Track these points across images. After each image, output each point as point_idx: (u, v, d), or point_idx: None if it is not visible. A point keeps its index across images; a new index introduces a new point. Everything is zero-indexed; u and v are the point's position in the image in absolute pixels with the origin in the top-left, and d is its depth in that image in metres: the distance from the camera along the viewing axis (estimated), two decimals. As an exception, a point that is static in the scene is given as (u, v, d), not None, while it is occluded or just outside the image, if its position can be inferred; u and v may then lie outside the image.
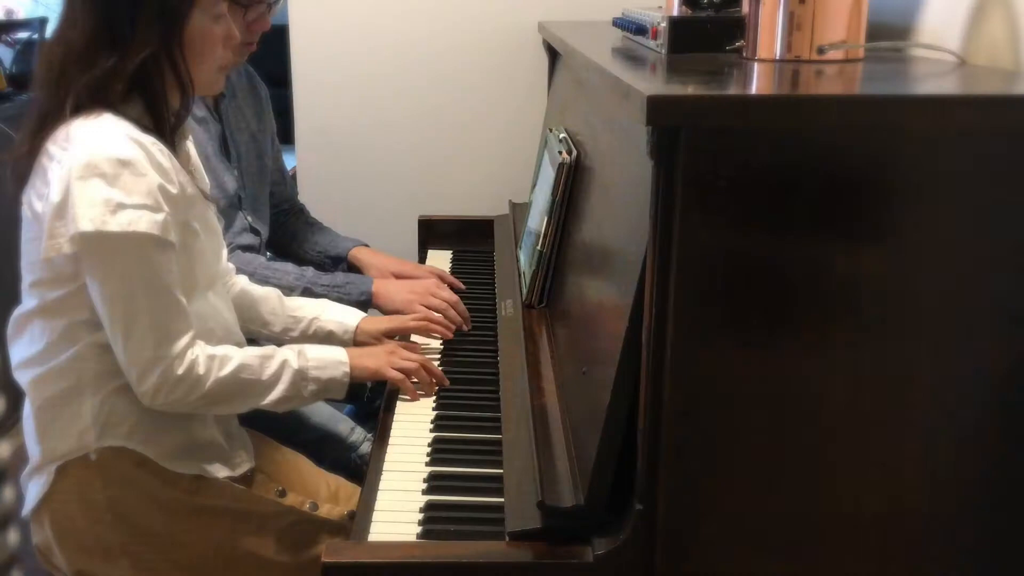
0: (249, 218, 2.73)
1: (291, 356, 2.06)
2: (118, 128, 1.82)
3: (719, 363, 1.43)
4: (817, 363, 1.43)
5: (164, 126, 1.91)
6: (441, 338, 2.44)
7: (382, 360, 2.19)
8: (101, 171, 1.77)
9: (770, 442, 1.46)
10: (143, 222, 1.78)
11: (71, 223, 1.77)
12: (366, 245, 2.99)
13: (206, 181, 2.14)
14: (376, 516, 1.75)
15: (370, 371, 2.16)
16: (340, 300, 2.53)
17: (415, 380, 2.19)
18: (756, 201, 1.37)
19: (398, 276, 2.82)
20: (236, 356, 1.98)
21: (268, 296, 2.37)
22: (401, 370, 2.18)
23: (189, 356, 1.89)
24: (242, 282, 2.37)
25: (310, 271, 2.67)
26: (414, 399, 2.17)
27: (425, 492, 1.82)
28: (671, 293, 1.39)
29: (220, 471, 2.05)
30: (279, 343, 2.21)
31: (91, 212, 1.76)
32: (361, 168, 3.57)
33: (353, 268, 2.90)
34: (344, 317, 2.37)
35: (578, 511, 1.55)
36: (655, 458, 1.46)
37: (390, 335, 2.37)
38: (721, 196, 1.36)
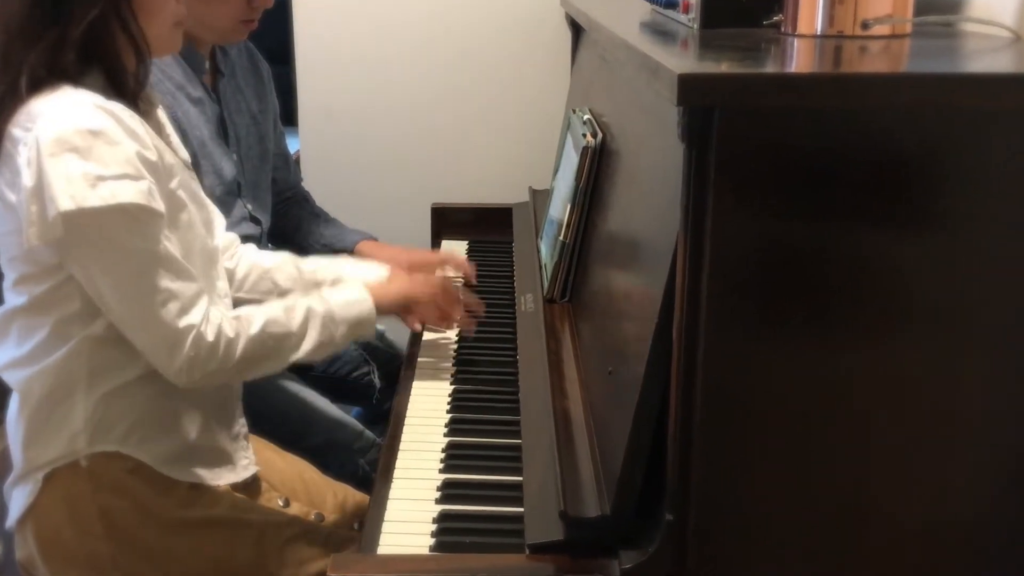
0: (249, 206, 2.73)
1: (313, 302, 2.09)
2: (82, 98, 1.80)
3: (756, 362, 1.43)
4: (861, 361, 1.43)
5: (127, 91, 1.90)
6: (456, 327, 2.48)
7: (404, 285, 2.29)
8: (72, 145, 1.75)
9: (810, 447, 1.46)
10: (126, 192, 1.77)
11: (49, 204, 1.75)
12: (374, 238, 3.00)
13: (183, 150, 2.13)
14: (386, 527, 1.76)
15: (399, 295, 2.28)
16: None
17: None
18: (795, 187, 1.37)
19: (409, 267, 2.82)
20: (259, 312, 2.01)
21: (282, 262, 2.38)
22: (425, 289, 2.30)
23: (215, 320, 1.91)
24: (249, 252, 2.38)
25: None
26: (446, 324, 2.34)
27: (439, 501, 1.83)
28: (704, 286, 1.39)
29: (222, 476, 2.06)
30: None
31: (69, 189, 1.74)
32: (369, 152, 3.57)
33: None
34: (366, 273, 2.40)
35: (603, 521, 1.55)
36: (687, 464, 1.46)
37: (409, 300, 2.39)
38: (757, 182, 1.36)
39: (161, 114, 2.08)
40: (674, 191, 1.42)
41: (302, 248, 2.95)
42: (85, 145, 1.76)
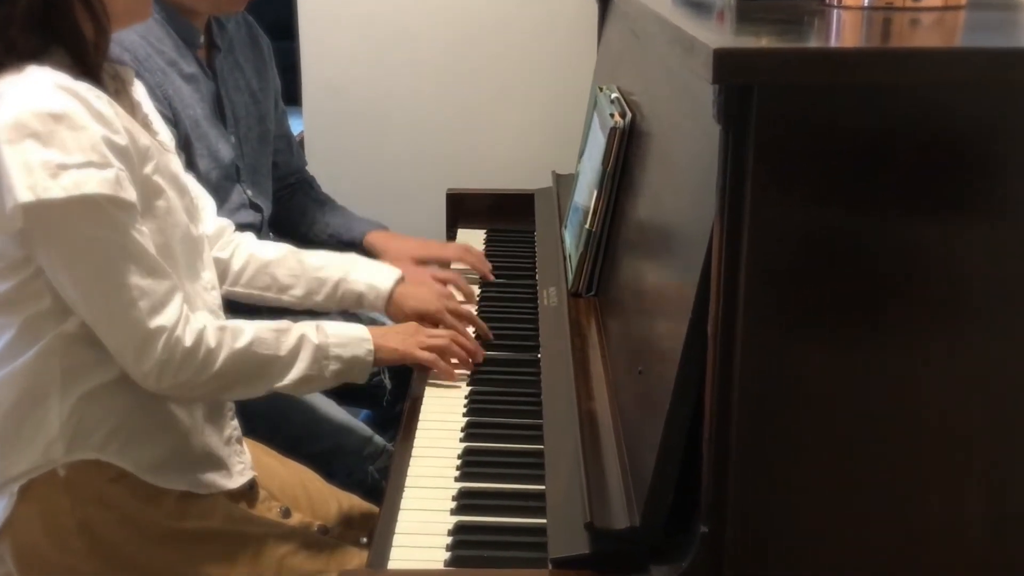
0: (248, 192, 2.74)
1: (309, 331, 2.08)
2: (43, 77, 1.79)
3: (798, 361, 1.43)
4: (913, 361, 1.43)
5: (97, 70, 1.89)
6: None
7: (409, 340, 2.22)
8: (32, 130, 1.74)
9: (858, 454, 1.46)
10: (91, 182, 1.76)
11: (7, 195, 1.74)
12: (384, 228, 3.00)
13: (165, 130, 2.13)
14: (397, 540, 1.76)
15: (398, 353, 2.21)
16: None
17: (452, 361, 2.25)
18: (841, 171, 1.38)
19: (420, 260, 2.83)
20: (249, 328, 2.00)
21: (283, 256, 2.38)
22: (431, 348, 2.23)
23: (195, 324, 1.91)
24: (247, 242, 2.38)
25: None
26: (451, 379, 2.23)
27: (454, 512, 1.83)
28: (741, 279, 1.40)
29: (215, 483, 2.05)
30: (299, 309, 2.23)
31: (28, 179, 1.73)
32: (379, 134, 3.58)
33: (369, 255, 2.89)
34: (375, 277, 2.40)
35: (633, 534, 1.56)
36: (723, 472, 1.46)
37: (420, 317, 2.40)
38: (800, 166, 1.37)
39: (137, 91, 2.07)
40: (709, 176, 1.42)
41: (306, 238, 2.96)
42: (46, 130, 1.74)
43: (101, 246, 1.82)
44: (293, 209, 3.05)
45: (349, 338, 2.13)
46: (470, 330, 2.43)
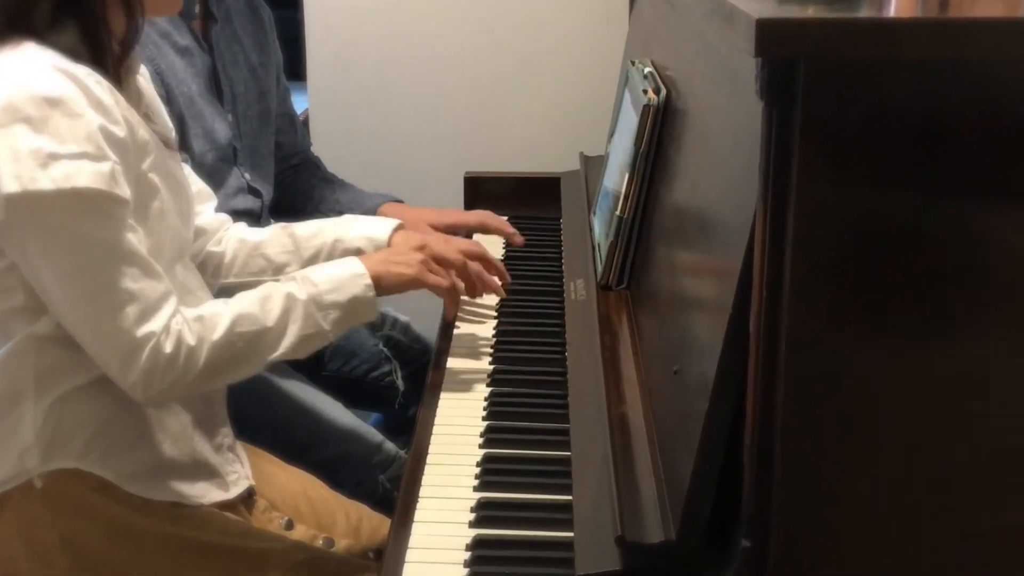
0: (247, 175, 2.75)
1: (294, 287, 2.06)
2: (41, 58, 1.80)
3: (848, 359, 1.43)
4: (976, 359, 1.43)
5: (105, 57, 1.89)
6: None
7: (414, 261, 2.20)
8: (24, 115, 1.75)
9: (916, 461, 1.46)
10: (83, 175, 1.77)
11: None
12: (400, 201, 3.00)
13: (168, 125, 2.14)
14: (410, 555, 1.77)
15: (404, 278, 2.18)
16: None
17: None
18: (895, 152, 1.37)
19: (439, 228, 2.83)
20: (227, 309, 1.99)
21: (274, 234, 2.38)
22: (442, 266, 2.23)
23: (174, 328, 1.90)
24: (235, 231, 2.38)
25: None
26: (452, 314, 2.27)
27: (473, 524, 1.84)
28: (787, 270, 1.39)
29: (208, 493, 2.06)
30: None
31: (16, 168, 1.75)
32: (390, 111, 3.59)
33: None
34: (372, 229, 2.39)
35: (668, 548, 1.56)
36: (766, 481, 1.46)
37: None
38: (850, 146, 1.37)
39: (142, 81, 2.08)
40: (752, 157, 1.42)
41: (315, 219, 2.94)
42: (39, 116, 1.75)
43: (90, 245, 1.82)
44: (298, 191, 3.05)
45: (342, 278, 2.10)
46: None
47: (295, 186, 3.06)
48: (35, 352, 1.92)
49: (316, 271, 2.12)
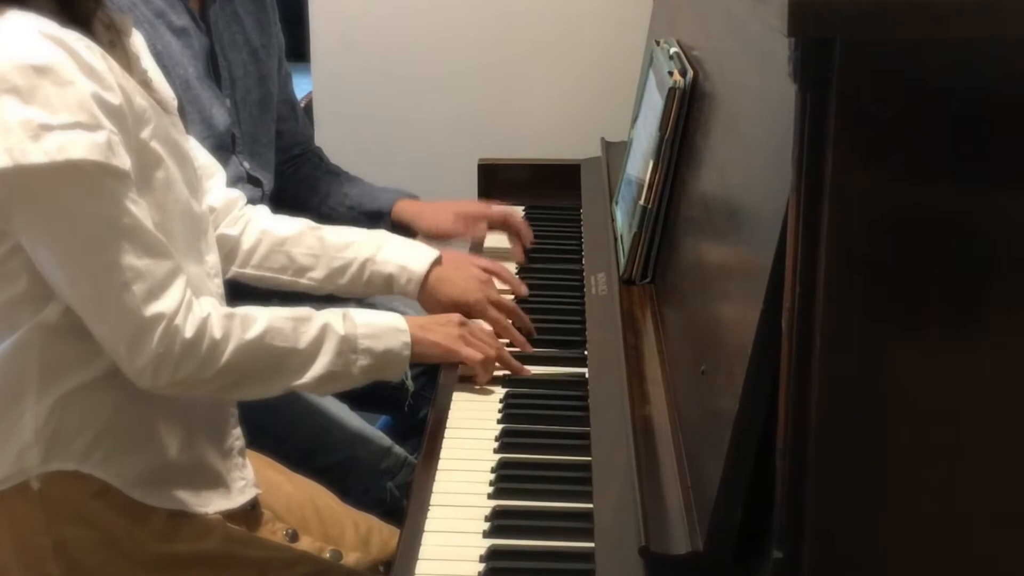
0: (246, 164, 2.75)
1: (334, 319, 2.08)
2: (25, 24, 1.79)
3: (886, 359, 1.43)
4: (1020, 357, 1.42)
5: (82, 14, 1.88)
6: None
7: (453, 334, 2.22)
8: (11, 84, 1.75)
9: (959, 467, 1.46)
10: (78, 146, 1.76)
11: None
12: (415, 197, 3.00)
13: (168, 90, 2.13)
14: (421, 567, 1.78)
15: (440, 348, 2.21)
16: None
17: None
18: (937, 138, 1.37)
19: (460, 214, 2.83)
20: (262, 316, 2.00)
21: (301, 232, 2.39)
22: (477, 349, 2.23)
23: (198, 312, 1.90)
24: (260, 217, 2.38)
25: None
26: (483, 381, 2.24)
27: (487, 534, 1.84)
28: (821, 263, 1.39)
29: (211, 502, 2.06)
30: (318, 294, 2.24)
31: (5, 141, 1.74)
32: (399, 95, 3.59)
33: (398, 228, 2.88)
34: (409, 257, 2.40)
35: (695, 560, 1.56)
36: (800, 487, 1.46)
37: (457, 307, 2.39)
38: (889, 131, 1.37)
39: (136, 43, 2.07)
40: (784, 143, 1.42)
41: (319, 214, 2.92)
42: (27, 85, 1.75)
43: (89, 220, 1.82)
44: (301, 183, 3.05)
45: (382, 328, 2.12)
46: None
47: (297, 179, 3.05)
48: (41, 344, 1.91)
49: (359, 314, 2.13)
